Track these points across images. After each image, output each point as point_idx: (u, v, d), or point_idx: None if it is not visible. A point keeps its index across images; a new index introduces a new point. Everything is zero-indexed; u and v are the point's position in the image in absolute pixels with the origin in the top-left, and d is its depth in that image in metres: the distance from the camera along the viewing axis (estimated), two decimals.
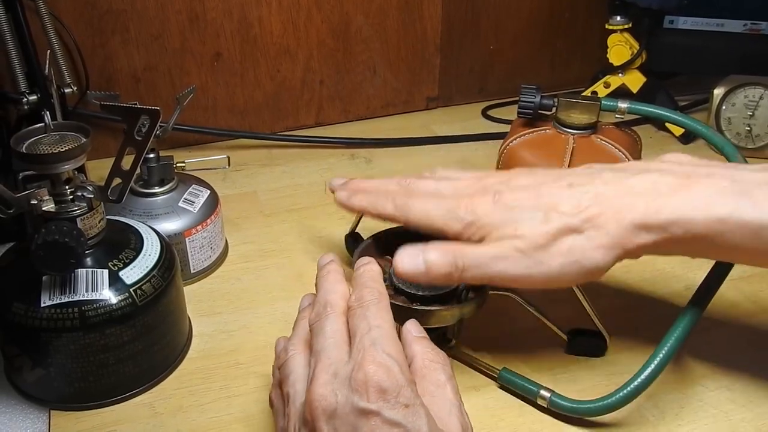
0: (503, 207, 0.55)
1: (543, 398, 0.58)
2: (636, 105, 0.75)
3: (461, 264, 0.54)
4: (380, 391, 0.42)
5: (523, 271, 0.53)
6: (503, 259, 0.53)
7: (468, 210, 0.55)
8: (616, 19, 0.98)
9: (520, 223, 0.53)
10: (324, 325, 0.48)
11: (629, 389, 0.56)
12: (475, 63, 1.09)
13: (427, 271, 0.54)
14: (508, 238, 0.53)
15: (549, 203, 0.53)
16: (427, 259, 0.54)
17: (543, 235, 0.52)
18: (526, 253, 0.52)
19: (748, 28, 0.97)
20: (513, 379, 0.60)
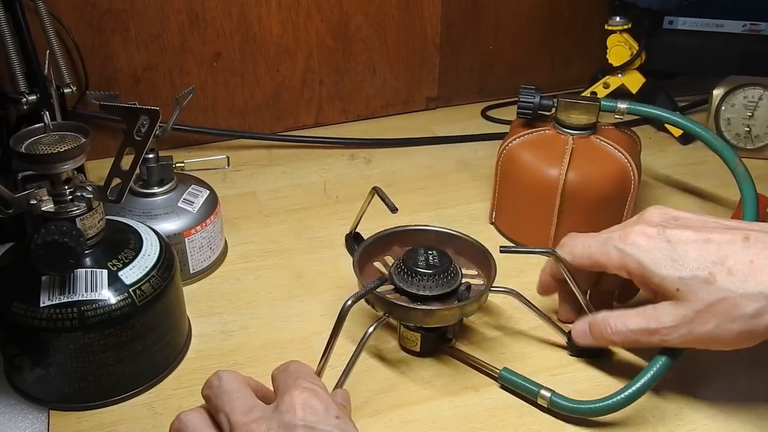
0: (665, 245, 0.55)
1: (543, 398, 0.58)
2: (635, 106, 0.75)
3: (617, 340, 0.58)
4: (308, 407, 0.45)
5: (682, 342, 0.55)
6: (657, 335, 0.55)
7: (622, 240, 0.57)
8: (615, 20, 0.98)
9: (678, 281, 0.54)
10: (221, 386, 0.48)
11: (632, 390, 0.56)
12: (475, 63, 1.09)
13: (594, 340, 0.60)
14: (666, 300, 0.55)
15: (717, 254, 0.53)
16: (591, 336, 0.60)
17: (700, 301, 0.53)
18: (677, 323, 0.54)
19: (747, 28, 0.97)
20: (513, 379, 0.60)
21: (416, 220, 0.69)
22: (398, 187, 0.88)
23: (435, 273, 0.60)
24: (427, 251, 0.62)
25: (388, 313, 0.60)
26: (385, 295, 0.60)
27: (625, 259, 0.56)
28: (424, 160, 0.97)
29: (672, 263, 0.54)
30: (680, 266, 0.54)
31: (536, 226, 0.76)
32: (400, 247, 0.66)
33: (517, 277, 0.72)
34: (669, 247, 0.55)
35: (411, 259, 0.61)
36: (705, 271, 0.53)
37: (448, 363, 0.63)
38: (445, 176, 0.93)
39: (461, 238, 0.66)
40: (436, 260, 0.61)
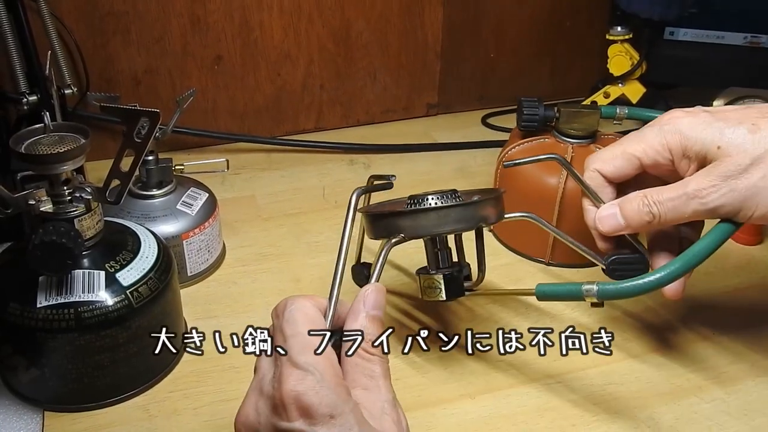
0: (705, 114, 0.54)
1: (590, 293, 0.52)
2: (635, 110, 0.75)
3: (654, 212, 0.54)
4: (301, 408, 0.41)
5: (723, 201, 0.51)
6: (695, 198, 0.52)
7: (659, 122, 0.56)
8: (616, 30, 0.98)
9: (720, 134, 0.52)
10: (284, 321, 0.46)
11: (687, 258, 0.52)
12: (476, 70, 1.09)
13: (628, 226, 0.56)
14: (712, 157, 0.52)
15: (759, 111, 0.52)
16: (623, 218, 0.56)
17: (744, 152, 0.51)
18: (725, 185, 0.51)
19: (748, 40, 0.97)
20: (553, 289, 0.56)
21: None
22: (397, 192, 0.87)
23: (445, 195, 0.57)
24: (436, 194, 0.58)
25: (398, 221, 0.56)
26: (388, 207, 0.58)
27: (665, 136, 0.55)
28: (424, 166, 0.97)
29: (713, 125, 0.53)
30: (722, 125, 0.52)
31: (535, 233, 0.76)
32: None
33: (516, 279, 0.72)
34: (709, 116, 0.53)
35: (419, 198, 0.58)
36: (748, 123, 0.51)
37: (451, 367, 0.63)
38: (445, 183, 0.93)
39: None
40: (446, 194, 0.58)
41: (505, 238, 0.80)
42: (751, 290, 0.73)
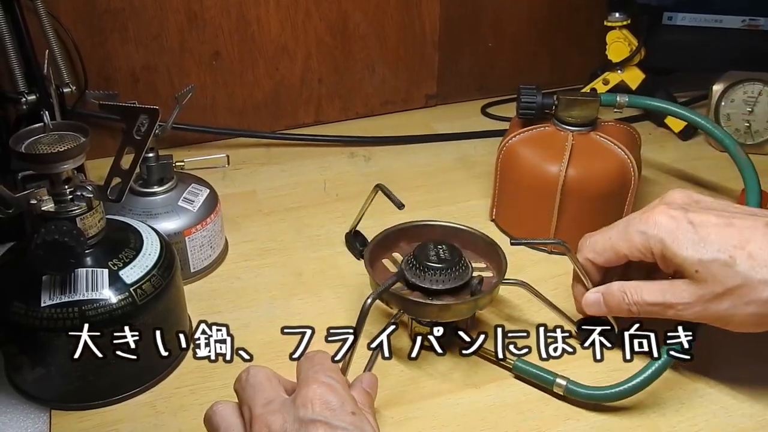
0: (687, 227, 0.56)
1: (559, 386, 0.59)
2: (635, 98, 0.75)
3: (635, 310, 0.58)
4: (324, 403, 0.45)
5: (696, 318, 0.56)
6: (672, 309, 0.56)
7: (644, 222, 0.58)
8: (614, 16, 0.97)
9: (698, 263, 0.54)
10: (248, 379, 0.49)
11: (647, 374, 0.57)
12: (474, 61, 1.09)
13: (608, 310, 0.60)
14: (684, 277, 0.55)
15: (740, 235, 0.54)
16: (606, 306, 0.60)
17: (719, 283, 0.54)
18: (693, 301, 0.55)
19: (746, 24, 0.97)
20: (528, 369, 0.60)
21: (416, 217, 0.69)
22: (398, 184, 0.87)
23: (447, 267, 0.60)
24: (437, 245, 0.62)
25: (402, 309, 0.60)
26: (399, 291, 0.60)
27: (648, 240, 0.57)
28: (424, 157, 0.97)
29: (693, 245, 0.54)
30: (701, 248, 0.54)
31: (536, 222, 0.76)
32: (407, 244, 0.67)
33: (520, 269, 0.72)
34: (691, 229, 0.55)
35: (422, 254, 0.61)
36: (725, 254, 0.53)
37: (455, 357, 0.63)
38: (445, 174, 0.93)
39: (468, 232, 0.67)
40: (446, 254, 0.61)
41: (506, 226, 0.80)
42: None
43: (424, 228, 0.68)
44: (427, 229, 0.67)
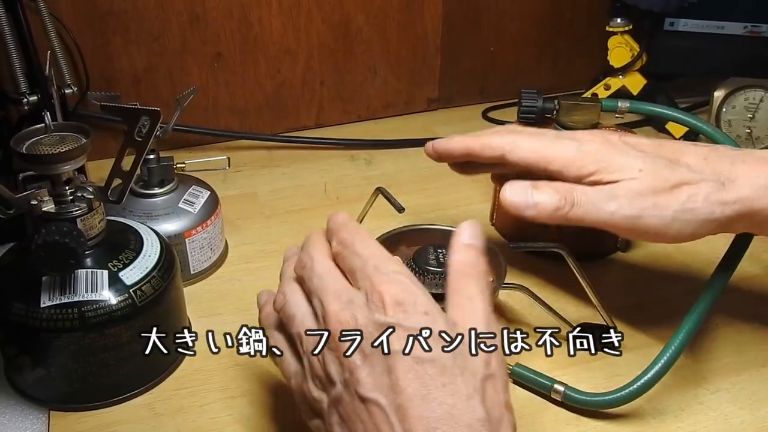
0: (623, 146, 0.56)
1: (557, 392, 0.58)
2: (636, 104, 0.75)
3: (571, 199, 0.54)
4: (397, 303, 0.43)
5: (636, 212, 0.53)
6: (616, 199, 0.53)
7: (585, 142, 0.56)
8: (616, 21, 0.98)
9: (641, 164, 0.54)
10: (314, 268, 0.48)
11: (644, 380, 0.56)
12: (476, 64, 1.09)
13: (536, 204, 0.55)
14: (626, 179, 0.53)
15: (673, 152, 0.55)
16: (536, 193, 0.55)
17: (665, 179, 0.53)
18: (642, 195, 0.53)
19: (748, 30, 0.97)
20: (526, 374, 0.60)
21: (416, 221, 0.69)
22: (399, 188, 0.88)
23: (446, 271, 0.60)
24: (437, 249, 0.62)
25: None
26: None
27: (583, 154, 0.56)
28: (425, 161, 0.95)
29: (633, 154, 0.55)
30: (642, 156, 0.55)
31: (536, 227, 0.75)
32: (407, 247, 0.67)
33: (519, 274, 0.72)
34: (628, 147, 0.56)
35: (422, 258, 0.61)
36: (666, 159, 0.55)
37: None
38: (446, 177, 0.92)
39: None
40: (446, 258, 0.61)
41: (506, 231, 0.80)
42: (756, 279, 0.73)
43: (424, 232, 0.68)
44: (427, 233, 0.67)
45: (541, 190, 0.55)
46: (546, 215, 0.55)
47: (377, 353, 0.42)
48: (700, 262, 0.74)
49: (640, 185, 0.53)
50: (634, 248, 0.78)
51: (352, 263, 0.47)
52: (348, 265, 0.47)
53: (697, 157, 0.55)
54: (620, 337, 0.57)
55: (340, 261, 0.48)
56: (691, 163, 0.54)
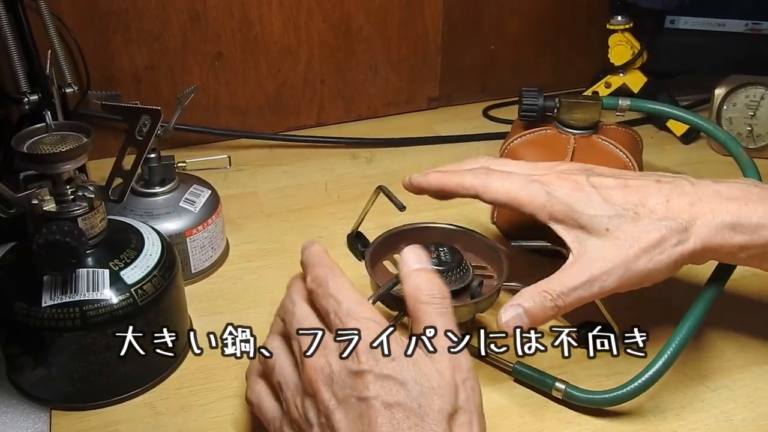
0: (591, 191, 0.57)
1: (558, 390, 0.58)
2: (638, 102, 0.75)
3: (561, 303, 0.56)
4: (368, 350, 0.45)
5: (619, 283, 0.55)
6: (597, 282, 0.55)
7: (554, 188, 0.58)
8: (617, 19, 0.98)
9: (607, 221, 0.56)
10: (294, 312, 0.50)
11: (644, 378, 0.56)
12: (477, 63, 1.09)
13: (531, 322, 0.56)
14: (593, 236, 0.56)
15: (638, 194, 0.57)
16: (527, 312, 0.56)
17: (632, 241, 0.55)
18: (622, 267, 0.55)
19: (749, 28, 0.97)
20: (527, 373, 0.60)
21: (418, 219, 0.69)
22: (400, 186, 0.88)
23: (447, 269, 0.60)
24: (438, 248, 0.62)
25: (403, 311, 0.60)
26: (400, 293, 0.60)
27: (552, 200, 0.58)
28: (426, 159, 0.97)
29: (600, 204, 0.56)
30: (608, 206, 0.56)
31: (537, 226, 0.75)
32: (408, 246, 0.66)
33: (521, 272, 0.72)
34: (594, 192, 0.57)
35: None
36: (630, 211, 0.56)
37: None
38: None
39: (469, 235, 0.67)
40: (447, 257, 0.61)
41: (508, 230, 0.80)
42: (757, 278, 0.73)
43: (425, 230, 0.68)
44: (429, 231, 0.67)
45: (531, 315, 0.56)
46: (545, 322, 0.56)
47: (351, 398, 0.44)
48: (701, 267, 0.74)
49: (609, 250, 0.55)
50: None
51: (326, 305, 0.49)
52: (322, 306, 0.49)
53: (660, 200, 0.56)
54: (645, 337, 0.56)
55: (314, 299, 0.51)
56: (654, 209, 0.56)
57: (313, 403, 0.46)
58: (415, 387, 0.44)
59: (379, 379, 0.44)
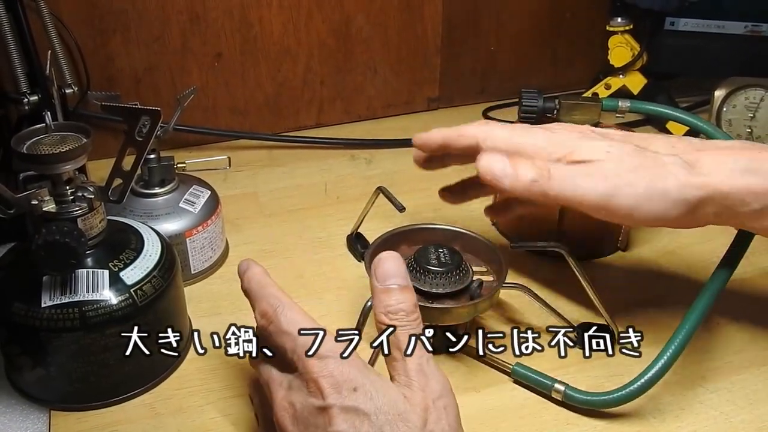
0: (592, 134, 0.58)
1: (558, 392, 0.58)
2: (637, 103, 0.75)
3: (547, 173, 0.54)
4: (332, 385, 0.45)
5: (609, 190, 0.53)
6: (590, 176, 0.54)
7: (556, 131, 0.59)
8: (617, 21, 0.98)
9: (608, 147, 0.55)
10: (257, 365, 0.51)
11: (644, 380, 0.56)
12: (476, 64, 1.09)
13: (514, 174, 0.55)
14: (596, 159, 0.55)
15: (642, 139, 0.58)
16: (514, 164, 0.55)
17: (634, 159, 0.54)
18: (614, 173, 0.53)
19: (749, 29, 0.97)
20: (527, 374, 0.60)
21: (417, 220, 0.69)
22: (399, 187, 0.88)
23: (447, 271, 0.60)
24: (438, 249, 0.62)
25: None
26: None
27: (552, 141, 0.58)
28: None
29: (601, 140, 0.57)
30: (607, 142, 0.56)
31: (537, 227, 0.75)
32: (408, 247, 0.67)
33: (520, 273, 0.72)
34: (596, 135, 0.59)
35: (422, 258, 0.61)
36: (632, 145, 0.56)
37: (455, 361, 0.63)
38: (447, 177, 0.92)
39: (468, 236, 0.67)
40: (447, 258, 0.61)
41: (507, 230, 0.80)
42: (757, 279, 0.73)
43: (425, 231, 0.68)
44: (428, 233, 0.67)
45: (518, 161, 0.56)
46: (523, 186, 0.55)
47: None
48: (700, 262, 0.75)
49: (610, 165, 0.54)
50: (634, 248, 0.78)
51: (283, 343, 0.48)
52: (279, 344, 0.49)
53: (666, 144, 0.56)
54: (639, 337, 0.56)
55: (268, 337, 0.50)
56: (659, 150, 0.55)
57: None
58: (379, 416, 0.44)
59: (343, 412, 0.44)
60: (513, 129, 0.60)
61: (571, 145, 0.56)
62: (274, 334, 0.49)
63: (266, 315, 0.49)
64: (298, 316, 0.49)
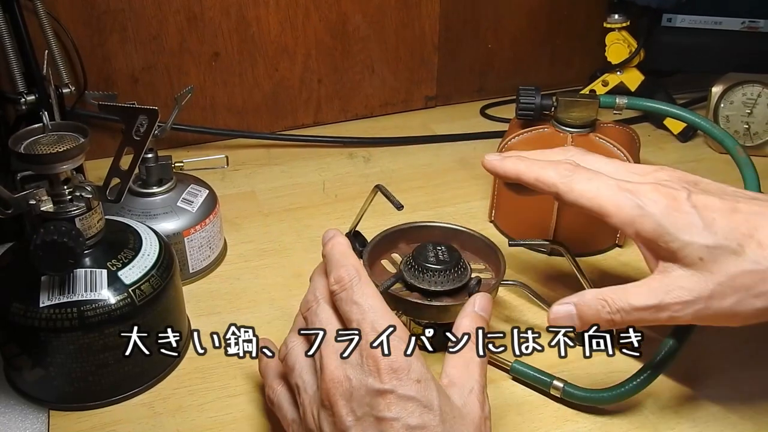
0: (691, 211, 0.50)
1: (556, 388, 0.59)
2: (634, 100, 0.75)
3: (618, 319, 0.51)
4: (392, 370, 0.43)
5: (695, 318, 0.50)
6: (667, 310, 0.50)
7: (648, 202, 0.50)
8: (614, 18, 0.98)
9: (705, 252, 0.48)
10: (317, 313, 0.49)
11: (643, 377, 0.56)
12: (474, 62, 1.09)
13: (581, 325, 0.52)
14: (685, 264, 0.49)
15: (748, 223, 0.49)
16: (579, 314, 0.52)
17: (729, 278, 0.48)
18: (703, 302, 0.49)
19: (746, 26, 0.97)
20: (525, 371, 0.60)
21: (415, 218, 0.69)
22: (397, 185, 0.88)
23: (445, 268, 0.60)
24: (436, 247, 0.62)
25: (401, 310, 0.60)
26: (398, 292, 0.61)
27: (643, 217, 0.50)
28: (423, 158, 0.97)
29: (699, 230, 0.49)
30: (708, 234, 0.48)
31: (535, 224, 0.76)
32: (407, 245, 0.67)
33: (518, 271, 0.72)
34: (694, 212, 0.49)
35: (421, 256, 0.61)
36: (734, 242, 0.48)
37: None
38: (444, 175, 0.93)
39: (467, 233, 0.67)
40: (445, 255, 0.61)
41: (505, 228, 0.80)
42: None
43: (423, 229, 0.68)
44: (427, 230, 0.67)
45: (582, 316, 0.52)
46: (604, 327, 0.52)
47: (370, 417, 0.43)
48: None
49: (696, 284, 0.49)
50: (632, 243, 0.78)
51: (350, 312, 0.47)
52: (344, 312, 0.47)
53: None
54: (640, 337, 0.54)
55: (336, 302, 0.49)
56: (764, 243, 0.48)
57: (329, 416, 0.44)
58: (441, 412, 0.43)
59: (402, 401, 0.43)
60: (599, 183, 0.53)
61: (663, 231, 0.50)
62: (343, 301, 0.47)
63: (341, 281, 0.48)
64: (371, 293, 0.47)
